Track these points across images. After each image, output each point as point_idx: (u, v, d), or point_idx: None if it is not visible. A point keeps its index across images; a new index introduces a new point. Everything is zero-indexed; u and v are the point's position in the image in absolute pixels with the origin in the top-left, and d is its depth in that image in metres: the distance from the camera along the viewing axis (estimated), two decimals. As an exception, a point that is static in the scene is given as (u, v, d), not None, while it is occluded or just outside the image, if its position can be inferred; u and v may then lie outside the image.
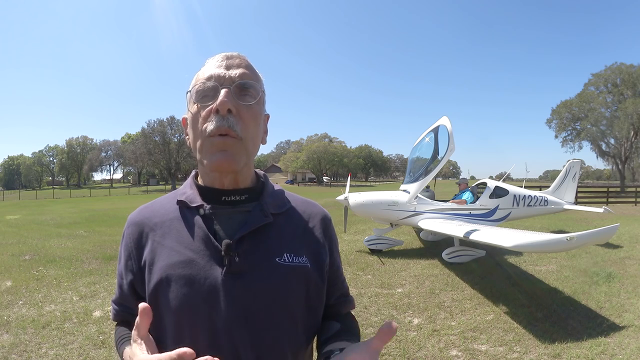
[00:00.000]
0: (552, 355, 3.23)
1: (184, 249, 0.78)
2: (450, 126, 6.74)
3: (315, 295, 0.84)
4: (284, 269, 0.78)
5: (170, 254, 0.78)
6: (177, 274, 0.75)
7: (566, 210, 9.10)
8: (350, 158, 72.09)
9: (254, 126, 0.80)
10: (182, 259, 0.76)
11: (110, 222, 13.22)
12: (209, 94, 0.77)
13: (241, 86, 0.78)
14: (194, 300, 0.74)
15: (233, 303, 0.74)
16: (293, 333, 0.79)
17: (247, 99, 0.78)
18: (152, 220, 0.84)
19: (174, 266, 0.76)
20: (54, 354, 3.25)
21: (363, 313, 4.21)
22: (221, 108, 0.74)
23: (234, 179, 0.82)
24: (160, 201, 0.89)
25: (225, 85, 0.76)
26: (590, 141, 32.84)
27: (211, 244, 0.77)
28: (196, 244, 0.78)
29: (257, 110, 0.81)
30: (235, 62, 0.80)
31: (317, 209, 0.93)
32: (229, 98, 0.75)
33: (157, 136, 54.16)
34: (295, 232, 0.85)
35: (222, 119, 0.75)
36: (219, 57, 0.81)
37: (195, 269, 0.75)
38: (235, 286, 0.75)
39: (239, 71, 0.79)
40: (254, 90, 0.80)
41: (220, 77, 0.77)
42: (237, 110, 0.76)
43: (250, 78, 0.80)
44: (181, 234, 0.79)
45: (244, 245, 0.77)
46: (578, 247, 4.61)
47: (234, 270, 0.75)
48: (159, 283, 0.76)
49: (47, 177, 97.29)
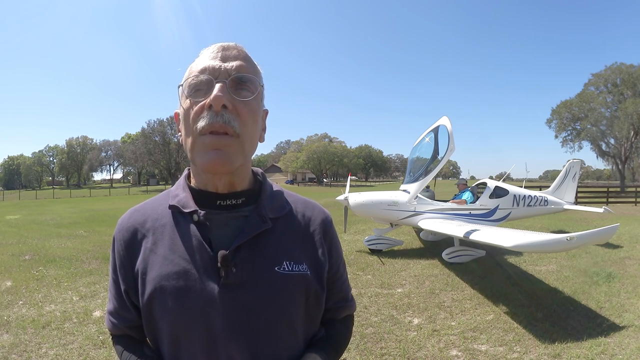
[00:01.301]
0: (552, 355, 3.23)
1: (177, 258, 0.73)
2: (450, 126, 6.74)
3: (314, 303, 0.80)
4: (284, 279, 0.74)
5: (163, 264, 0.73)
6: (171, 285, 0.71)
7: (566, 210, 9.10)
8: (350, 158, 72.07)
9: (251, 123, 0.73)
10: (176, 270, 0.72)
11: (110, 222, 13.21)
12: (202, 88, 0.71)
13: (238, 80, 0.71)
14: (189, 312, 0.70)
15: (230, 315, 0.71)
16: (292, 342, 0.77)
17: (244, 93, 0.72)
18: (144, 225, 0.79)
19: (168, 277, 0.72)
20: (54, 354, 3.25)
21: (363, 313, 4.21)
22: (215, 104, 0.68)
23: (229, 181, 0.76)
24: (151, 203, 0.83)
25: (221, 79, 0.70)
26: (590, 141, 32.83)
27: (206, 253, 0.72)
28: (190, 253, 0.73)
29: (255, 106, 0.74)
30: (232, 53, 0.73)
31: (317, 211, 0.88)
32: (224, 93, 0.68)
33: (157, 136, 54.19)
34: (295, 238, 0.80)
35: (215, 115, 0.68)
36: (214, 47, 0.74)
37: (190, 281, 0.71)
38: (232, 298, 0.71)
39: (235, 63, 0.72)
40: (252, 84, 0.73)
41: (215, 69, 0.70)
42: (234, 106, 0.70)
43: (248, 71, 0.73)
44: (174, 242, 0.74)
45: (241, 254, 0.73)
46: (578, 247, 4.60)
47: (232, 282, 0.71)
48: (152, 294, 0.72)
49: (47, 177, 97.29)
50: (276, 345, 0.74)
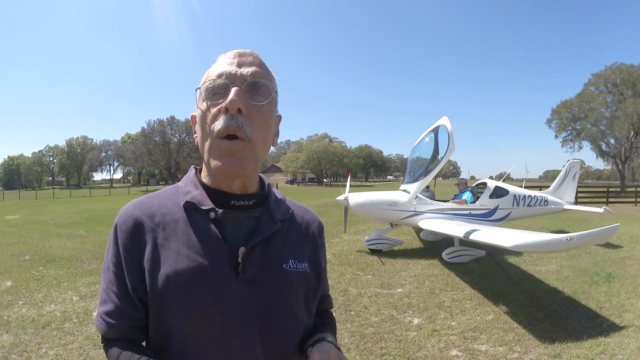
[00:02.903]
0: (552, 355, 3.23)
1: (193, 254, 0.74)
2: (450, 126, 6.74)
3: (312, 298, 0.87)
4: (290, 275, 0.80)
5: (177, 259, 0.74)
6: (186, 280, 0.72)
7: (566, 210, 9.10)
8: (350, 158, 72.09)
9: (264, 128, 0.76)
10: (193, 265, 0.73)
11: (110, 222, 13.14)
12: (219, 92, 0.74)
13: (253, 85, 0.75)
14: (205, 307, 0.72)
15: (245, 310, 0.74)
16: (296, 334, 0.82)
17: (258, 98, 0.75)
18: (152, 218, 0.78)
19: (184, 272, 0.73)
20: (54, 354, 3.25)
21: (363, 313, 4.20)
22: (231, 107, 0.71)
23: (242, 184, 0.80)
24: (158, 197, 0.83)
25: (237, 84, 0.73)
26: (590, 141, 32.85)
27: (224, 250, 0.75)
28: (208, 249, 0.75)
29: (268, 111, 0.77)
30: (248, 59, 0.77)
31: (313, 215, 0.96)
32: (239, 97, 0.72)
33: (157, 136, 54.20)
34: (298, 239, 0.87)
35: (231, 118, 0.72)
36: (230, 54, 0.78)
37: (207, 276, 0.73)
38: (248, 293, 0.74)
39: (251, 69, 0.75)
40: (266, 89, 0.76)
41: (232, 74, 0.74)
42: (248, 110, 0.73)
43: (262, 77, 0.76)
44: (189, 238, 0.75)
45: (255, 252, 0.77)
46: (578, 247, 4.61)
47: (247, 277, 0.75)
48: (166, 289, 0.72)
49: (47, 177, 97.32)
50: (284, 336, 0.79)
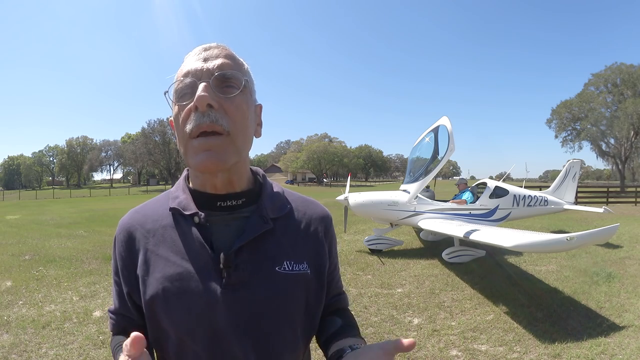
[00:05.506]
0: (552, 355, 3.23)
1: (180, 260, 0.74)
2: (450, 126, 6.74)
3: (314, 301, 0.81)
4: (284, 278, 0.75)
5: (165, 265, 0.74)
6: (174, 286, 0.72)
7: (566, 210, 9.10)
8: (350, 158, 72.14)
9: (241, 119, 0.72)
10: (179, 271, 0.73)
11: (110, 222, 13.21)
12: (188, 92, 0.70)
13: (221, 77, 0.70)
14: (193, 314, 0.71)
15: (233, 315, 0.72)
16: (292, 339, 0.78)
17: (229, 90, 0.71)
18: (144, 226, 0.79)
19: (170, 278, 0.73)
20: (54, 354, 3.25)
21: (363, 313, 4.20)
22: (199, 104, 0.67)
23: (227, 180, 0.76)
24: (151, 204, 0.84)
25: (204, 79, 0.69)
26: (590, 141, 32.83)
27: (208, 255, 0.73)
28: (192, 255, 0.73)
29: (242, 101, 0.72)
30: (214, 52, 0.73)
31: (318, 209, 0.88)
32: (207, 92, 0.67)
33: (157, 136, 54.26)
34: (296, 237, 0.81)
35: (202, 115, 0.68)
36: (196, 50, 0.74)
37: (192, 282, 0.72)
38: (235, 299, 0.72)
39: (217, 62, 0.71)
40: (236, 79, 0.72)
41: (198, 71, 0.70)
42: (220, 104, 0.69)
43: (230, 67, 0.72)
44: (176, 244, 0.75)
45: (243, 255, 0.74)
46: (578, 247, 4.61)
47: (233, 282, 0.72)
48: (155, 295, 0.73)
49: (47, 177, 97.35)
50: (278, 343, 0.75)
